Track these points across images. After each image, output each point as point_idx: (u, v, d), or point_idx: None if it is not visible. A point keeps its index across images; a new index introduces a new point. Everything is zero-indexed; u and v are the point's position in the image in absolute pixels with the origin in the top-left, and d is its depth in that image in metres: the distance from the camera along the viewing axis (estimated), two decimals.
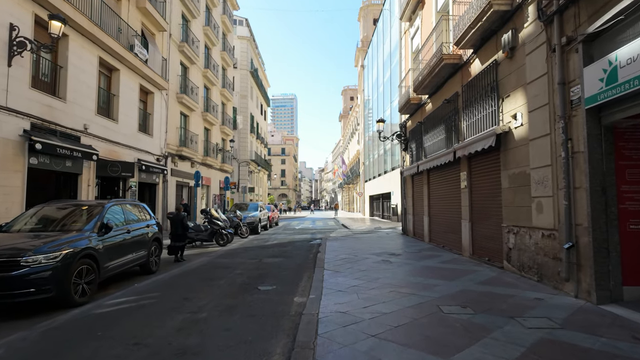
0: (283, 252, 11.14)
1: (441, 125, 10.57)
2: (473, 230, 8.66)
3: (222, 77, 27.17)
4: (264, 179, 48.89)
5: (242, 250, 11.60)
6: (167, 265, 8.99)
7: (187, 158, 20.17)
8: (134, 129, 15.19)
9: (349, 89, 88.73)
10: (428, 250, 10.35)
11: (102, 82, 13.61)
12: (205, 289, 6.41)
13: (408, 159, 14.43)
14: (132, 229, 7.11)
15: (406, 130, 14.78)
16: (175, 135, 19.09)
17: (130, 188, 14.70)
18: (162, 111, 17.65)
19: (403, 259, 8.79)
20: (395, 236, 14.53)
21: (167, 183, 18.06)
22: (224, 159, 27.53)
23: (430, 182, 11.82)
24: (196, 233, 12.62)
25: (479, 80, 8.18)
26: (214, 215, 12.99)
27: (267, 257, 9.99)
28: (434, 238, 11.56)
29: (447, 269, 7.48)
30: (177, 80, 19.32)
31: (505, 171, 7.07)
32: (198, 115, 22.15)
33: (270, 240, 14.61)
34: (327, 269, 7.76)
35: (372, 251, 10.25)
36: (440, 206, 11.01)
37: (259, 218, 18.06)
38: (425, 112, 12.16)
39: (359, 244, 12.22)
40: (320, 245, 12.21)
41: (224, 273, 7.81)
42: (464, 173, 8.99)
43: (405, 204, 14.79)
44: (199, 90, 22.18)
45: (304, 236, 16.40)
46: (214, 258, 10.05)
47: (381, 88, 32.21)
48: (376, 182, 34.04)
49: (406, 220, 14.69)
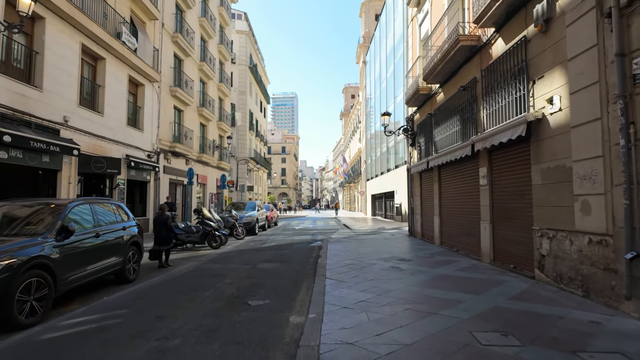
0: (280, 256, 10.16)
1: (455, 117, 9.56)
2: (494, 233, 7.66)
3: (219, 71, 26.17)
4: (264, 177, 47.90)
5: (235, 254, 10.61)
6: (149, 271, 8.00)
7: (181, 155, 19.19)
8: (122, 123, 14.21)
9: (350, 86, 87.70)
10: (440, 254, 9.36)
11: (86, 71, 12.62)
12: (185, 303, 5.42)
13: (416, 155, 13.42)
14: (104, 232, 6.12)
15: (413, 124, 13.78)
16: (168, 130, 18.10)
17: (118, 186, 13.72)
18: (153, 105, 16.66)
19: (415, 266, 7.80)
20: (402, 238, 13.53)
21: (159, 181, 17.08)
22: (222, 156, 26.54)
23: (442, 179, 10.81)
24: (187, 234, 11.64)
25: (502, 62, 7.17)
26: (206, 215, 12.01)
27: (263, 262, 9.00)
28: (446, 241, 10.56)
29: (468, 278, 6.49)
30: (170, 73, 18.32)
31: (537, 165, 6.07)
32: (193, 110, 21.16)
33: (268, 242, 13.63)
34: (330, 277, 6.77)
35: (378, 255, 9.26)
36: (453, 206, 10.01)
37: (256, 218, 17.08)
38: (436, 103, 11.15)
39: (364, 246, 11.23)
40: (321, 248, 11.22)
41: (212, 282, 6.83)
42: (483, 168, 7.99)
43: (412, 204, 13.79)
44: (194, 84, 21.18)
45: (304, 237, 15.42)
46: (204, 263, 9.06)
47: (384, 84, 31.18)
48: (379, 181, 33.02)
49: (413, 220, 13.68)
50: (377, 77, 34.76)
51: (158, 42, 16.99)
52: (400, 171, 24.77)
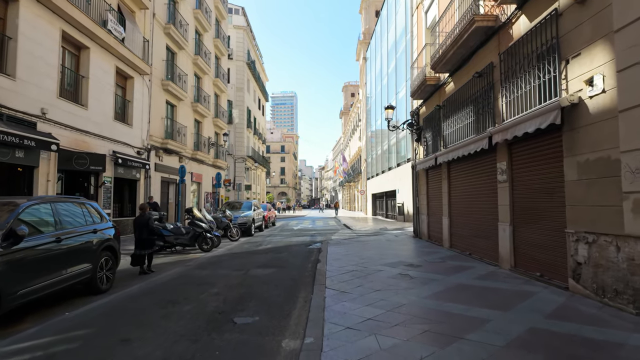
0: (276, 260, 9.31)
1: (468, 107, 8.71)
2: (515, 235, 6.81)
3: (215, 66, 25.29)
4: (262, 176, 47.03)
5: (228, 258, 9.76)
6: (128, 279, 7.15)
7: (174, 152, 18.32)
8: (109, 117, 13.34)
9: (349, 84, 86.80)
10: (452, 258, 8.51)
11: (68, 60, 11.76)
12: (160, 321, 4.57)
13: (421, 150, 12.57)
14: (68, 235, 5.26)
15: (419, 118, 12.93)
16: (160, 126, 17.23)
17: (104, 184, 12.86)
18: (143, 99, 15.79)
19: (426, 273, 6.95)
20: (407, 239, 12.69)
21: (150, 179, 16.21)
22: (218, 154, 25.67)
23: (452, 176, 9.97)
24: (175, 236, 10.79)
25: (525, 43, 6.33)
26: (197, 216, 11.15)
27: (256, 268, 8.15)
28: (457, 243, 9.72)
29: (490, 289, 5.64)
30: (162, 66, 17.45)
31: (571, 158, 5.22)
32: (187, 106, 20.29)
33: (264, 244, 12.78)
34: (330, 287, 5.93)
35: (384, 260, 8.41)
36: (465, 205, 9.17)
37: (252, 218, 16.22)
38: (445, 93, 10.30)
39: (366, 249, 10.38)
40: (321, 251, 10.38)
41: (196, 292, 5.98)
42: (502, 163, 7.14)
43: (417, 203, 12.95)
44: (188, 79, 20.30)
45: (303, 239, 14.57)
46: (191, 269, 8.21)
47: (385, 80, 30.33)
48: (379, 180, 32.18)
49: (419, 221, 12.84)
50: (377, 74, 33.91)
51: (149, 33, 16.12)
52: (402, 169, 23.93)
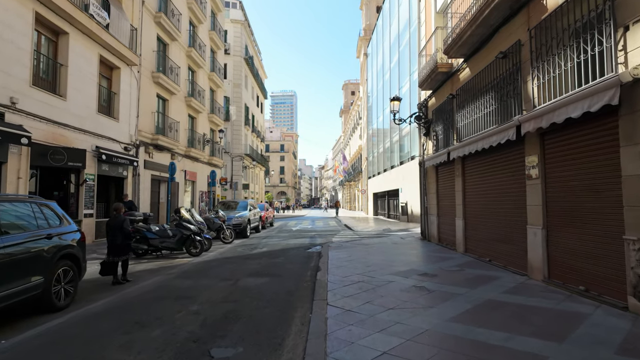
0: (271, 266, 8.30)
1: (487, 94, 7.70)
2: (550, 241, 5.81)
3: (210, 60, 24.26)
4: (261, 175, 46.01)
5: (217, 264, 8.76)
6: (96, 291, 6.14)
7: (165, 148, 17.29)
8: (92, 110, 12.32)
9: (349, 82, 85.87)
10: (470, 266, 7.51)
11: (44, 46, 10.74)
12: (115, 354, 3.57)
13: (431, 145, 11.57)
14: (8, 243, 4.26)
15: (427, 111, 11.92)
16: (150, 121, 16.21)
17: (86, 182, 11.84)
18: (132, 91, 14.76)
19: (445, 284, 5.94)
20: (415, 242, 11.68)
21: (138, 177, 15.20)
22: (213, 151, 24.66)
23: (467, 172, 8.96)
24: (161, 239, 9.78)
25: (565, 12, 5.31)
26: (184, 217, 10.14)
27: (248, 276, 7.14)
28: (473, 248, 8.71)
29: (527, 307, 4.64)
30: (152, 57, 16.42)
31: (631, 147, 4.22)
32: (180, 100, 19.26)
33: (259, 247, 11.76)
34: (333, 303, 4.93)
35: (393, 267, 7.40)
36: (484, 205, 8.16)
37: (247, 219, 15.21)
38: (459, 81, 9.29)
39: (372, 254, 9.38)
40: (321, 256, 9.37)
41: (172, 310, 4.97)
42: (532, 157, 6.13)
43: (426, 203, 11.94)
44: (181, 72, 19.28)
45: (301, 241, 13.56)
46: (173, 278, 7.20)
47: (387, 75, 29.33)
48: (381, 179, 31.17)
49: (427, 222, 11.83)
50: (379, 69, 32.90)
51: (137, 21, 15.09)
52: (405, 167, 22.93)
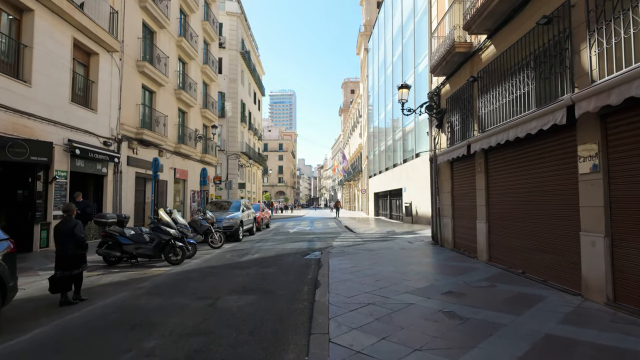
0: (261, 279, 7.00)
1: (522, 72, 6.41)
2: (616, 253, 4.52)
3: (203, 52, 22.94)
4: (258, 174, 44.68)
5: (198, 275, 7.45)
6: (38, 315, 4.83)
7: (152, 144, 15.97)
8: (64, 99, 10.99)
9: (349, 81, 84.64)
10: (500, 279, 6.21)
11: (5, 25, 9.43)
12: None
13: (444, 139, 10.28)
14: None
15: (440, 100, 10.63)
16: (134, 113, 14.89)
17: (55, 179, 10.52)
18: (112, 80, 13.44)
19: (479, 308, 4.64)
20: (426, 248, 10.39)
21: (120, 174, 13.88)
22: (206, 148, 23.33)
23: (492, 167, 7.67)
24: (136, 245, 8.47)
25: None
26: (163, 219, 8.82)
27: (231, 293, 5.84)
28: (500, 256, 7.41)
29: (609, 349, 3.35)
30: (137, 45, 15.10)
31: None
32: (169, 93, 17.93)
33: (250, 253, 10.46)
34: (337, 340, 3.63)
35: (408, 282, 6.11)
36: (514, 206, 6.87)
37: (240, 220, 13.89)
38: (481, 62, 8.00)
39: (380, 262, 8.08)
40: (321, 265, 8.06)
41: (120, 349, 3.67)
42: (590, 145, 4.84)
43: (438, 203, 10.65)
44: (171, 62, 17.95)
45: (299, 245, 12.26)
46: (140, 295, 5.89)
47: (389, 69, 28.04)
48: (383, 178, 29.89)
49: (440, 224, 10.54)
50: (381, 64, 31.63)
51: (119, 4, 13.76)
52: (409, 166, 21.66)
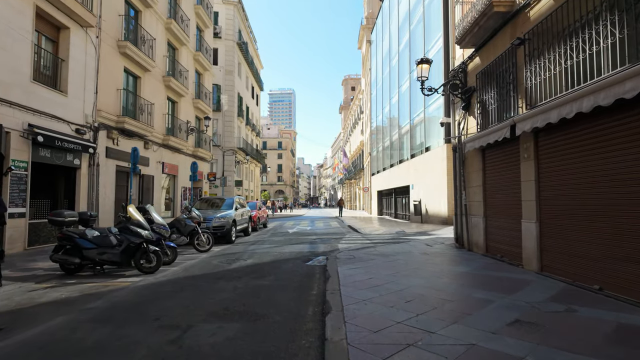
0: (251, 295, 5.39)
1: (598, 23, 4.80)
2: None
3: (196, 38, 21.32)
4: (256, 172, 43.03)
5: (171, 289, 5.82)
6: None
7: (135, 134, 14.34)
8: (24, 76, 9.37)
9: (349, 78, 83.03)
10: (575, 300, 4.61)
11: None
12: None
13: (472, 123, 8.68)
14: None
15: (466, 77, 9.02)
16: (114, 99, 13.26)
17: (11, 170, 8.90)
18: (87, 60, 11.81)
19: (580, 354, 3.04)
20: (451, 253, 8.79)
21: (97, 167, 12.26)
22: (200, 142, 21.72)
23: (545, 152, 6.06)
24: (100, 250, 6.86)
25: None
26: (133, 218, 7.19)
27: (208, 320, 4.23)
28: (558, 266, 5.80)
29: None
30: (118, 22, 13.47)
31: None
32: (156, 80, 16.30)
33: (242, 259, 8.84)
34: None
35: (453, 306, 4.49)
36: (584, 201, 5.25)
37: (232, 220, 12.26)
38: (529, 21, 6.39)
39: (403, 273, 6.46)
40: (328, 276, 6.44)
41: None
42: None
43: (464, 200, 9.05)
44: (159, 46, 16.32)
45: (299, 248, 10.64)
46: (82, 322, 4.26)
47: (394, 60, 26.45)
48: (387, 175, 28.29)
49: (467, 224, 8.94)
50: (385, 55, 30.03)
51: None
52: (418, 161, 20.06)
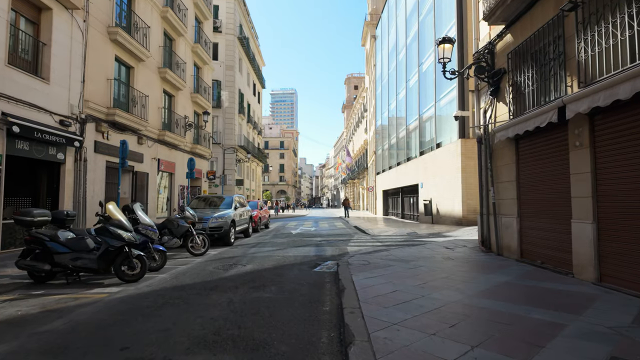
0: (250, 312, 4.36)
1: None
2: None
3: (195, 29, 20.34)
4: (258, 171, 42.03)
5: (151, 305, 4.80)
6: None
7: (128, 128, 13.35)
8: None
9: (352, 76, 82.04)
10: None
11: None
12: None
13: (502, 109, 7.64)
14: None
15: (494, 58, 7.97)
16: (104, 90, 12.27)
17: None
18: (73, 45, 10.84)
19: None
20: (477, 257, 7.74)
21: (85, 163, 11.27)
22: (199, 139, 20.73)
23: (602, 140, 5.00)
24: (74, 255, 5.85)
25: None
26: (114, 218, 6.17)
27: (192, 350, 3.20)
28: (626, 277, 4.74)
29: None
30: (108, 7, 12.48)
31: None
32: (151, 71, 15.32)
33: (241, 263, 7.81)
34: None
35: (512, 330, 3.46)
36: None
37: (231, 220, 11.25)
38: None
39: (432, 284, 5.43)
40: (342, 287, 5.39)
41: None
42: None
43: (492, 197, 8.00)
44: (153, 34, 15.34)
45: (304, 252, 9.61)
46: (26, 353, 3.26)
47: (402, 54, 25.43)
48: (394, 174, 27.23)
49: (496, 225, 7.89)
50: (391, 49, 29.01)
51: None
52: (428, 158, 19.00)
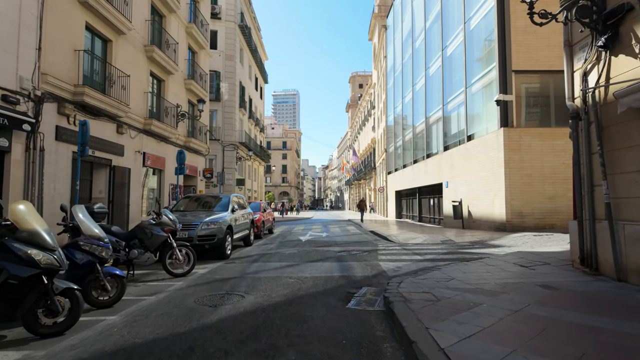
0: None
1: None
2: None
3: (190, 7, 17.96)
4: (260, 171, 39.56)
5: None
6: None
7: (103, 113, 10.90)
8: None
9: (357, 75, 79.76)
10: None
11: None
12: None
13: (623, 66, 5.16)
14: None
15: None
16: (70, 63, 9.83)
17: None
18: (24, 3, 8.42)
19: None
20: (585, 282, 5.24)
21: (42, 153, 8.83)
22: (194, 132, 18.30)
23: None
24: None
25: None
26: (24, 227, 3.67)
27: None
28: None
29: None
30: None
31: None
32: (136, 48, 12.88)
33: (237, 292, 5.32)
34: None
35: None
36: None
37: (227, 225, 8.77)
38: None
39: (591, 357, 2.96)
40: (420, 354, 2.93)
41: None
42: None
43: (607, 194, 5.49)
44: (137, 5, 12.92)
45: (324, 269, 7.11)
46: None
47: (419, 40, 23.00)
48: (409, 172, 24.74)
49: (612, 236, 5.37)
50: (406, 37, 26.60)
51: None
52: (456, 153, 16.48)
